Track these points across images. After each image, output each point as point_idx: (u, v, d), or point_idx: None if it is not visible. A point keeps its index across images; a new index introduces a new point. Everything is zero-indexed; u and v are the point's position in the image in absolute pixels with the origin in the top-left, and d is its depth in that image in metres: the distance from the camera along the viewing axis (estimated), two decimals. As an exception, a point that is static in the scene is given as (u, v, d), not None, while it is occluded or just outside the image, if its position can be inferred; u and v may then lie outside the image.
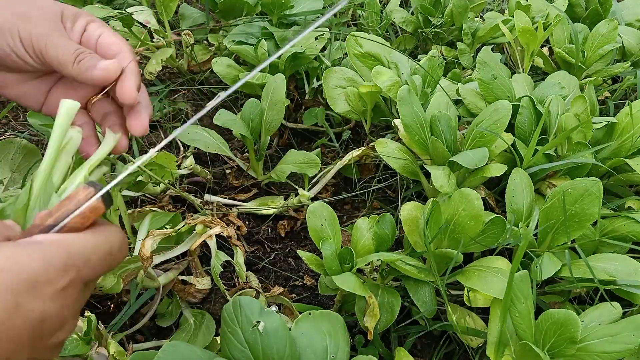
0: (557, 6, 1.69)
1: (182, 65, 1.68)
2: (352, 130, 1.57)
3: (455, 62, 1.74)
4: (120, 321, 1.00)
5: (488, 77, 1.27)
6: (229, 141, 1.54)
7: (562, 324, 0.75)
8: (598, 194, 0.96)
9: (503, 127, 1.10)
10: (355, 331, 1.10)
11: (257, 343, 0.69)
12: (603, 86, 1.71)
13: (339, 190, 1.44)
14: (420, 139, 1.12)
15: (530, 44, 1.56)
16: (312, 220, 0.97)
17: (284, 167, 1.30)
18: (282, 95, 1.30)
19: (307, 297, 1.19)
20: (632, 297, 0.90)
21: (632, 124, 1.17)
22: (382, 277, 1.06)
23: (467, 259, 1.00)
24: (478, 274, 0.91)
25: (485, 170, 1.08)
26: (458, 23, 1.82)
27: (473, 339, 0.98)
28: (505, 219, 0.92)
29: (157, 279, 1.03)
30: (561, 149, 1.21)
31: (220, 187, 1.42)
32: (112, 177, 1.38)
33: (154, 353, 0.71)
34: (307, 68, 1.58)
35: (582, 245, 1.01)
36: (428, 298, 0.98)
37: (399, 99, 1.10)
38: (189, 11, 1.74)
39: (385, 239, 0.99)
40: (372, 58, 1.37)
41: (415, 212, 1.01)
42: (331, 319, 0.77)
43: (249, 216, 1.36)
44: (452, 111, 1.20)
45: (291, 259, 1.28)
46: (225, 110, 1.28)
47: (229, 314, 0.72)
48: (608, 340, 0.77)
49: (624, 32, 1.69)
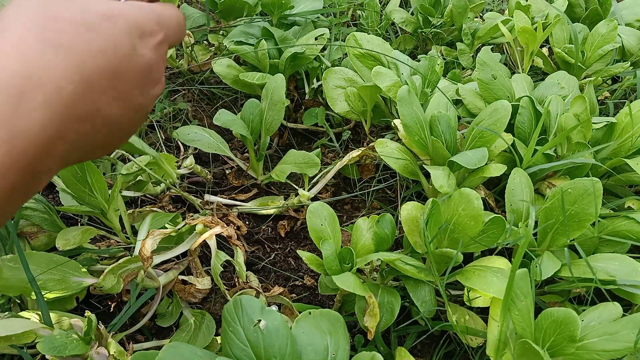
0: (556, 6, 1.69)
1: (182, 65, 1.68)
2: (352, 130, 1.57)
3: (455, 63, 1.74)
4: (120, 321, 1.00)
5: (488, 77, 1.28)
6: (229, 141, 1.54)
7: (561, 322, 0.75)
8: (598, 194, 0.96)
9: (503, 127, 1.10)
10: (355, 331, 1.10)
11: (258, 341, 0.69)
12: (603, 86, 1.71)
13: (339, 190, 1.45)
14: (420, 139, 1.12)
15: (530, 44, 1.56)
16: (312, 220, 0.97)
17: (284, 167, 1.30)
18: (282, 95, 1.30)
19: (307, 297, 1.20)
20: (632, 297, 0.90)
21: (632, 124, 1.17)
22: (382, 277, 1.06)
23: (467, 258, 1.00)
24: (478, 274, 0.91)
25: (485, 170, 1.08)
26: (458, 23, 1.82)
27: (473, 338, 0.98)
28: (505, 219, 0.92)
29: (157, 279, 1.03)
30: (561, 149, 1.21)
31: (220, 187, 1.43)
32: (113, 177, 1.37)
33: (154, 353, 0.71)
34: (307, 68, 1.59)
35: (582, 244, 1.01)
36: (428, 298, 0.98)
37: (399, 99, 1.10)
38: (189, 11, 1.75)
39: (385, 239, 1.00)
40: (372, 58, 1.37)
41: (415, 212, 1.01)
42: (331, 318, 0.78)
43: (249, 216, 1.36)
44: (452, 111, 1.20)
45: (291, 259, 1.28)
46: (225, 111, 1.29)
47: (230, 313, 0.72)
48: (607, 338, 0.77)
49: (624, 32, 1.69)
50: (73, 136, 0.38)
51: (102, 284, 0.93)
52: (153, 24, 0.44)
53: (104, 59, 0.39)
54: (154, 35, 0.44)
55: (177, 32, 0.48)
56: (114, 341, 0.87)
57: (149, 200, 1.33)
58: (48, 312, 0.86)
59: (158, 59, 0.44)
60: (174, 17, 0.47)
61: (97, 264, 1.06)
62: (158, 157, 1.06)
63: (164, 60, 0.47)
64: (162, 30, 0.45)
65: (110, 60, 0.39)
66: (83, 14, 0.39)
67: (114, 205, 1.05)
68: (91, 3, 0.41)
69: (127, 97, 0.42)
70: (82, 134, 0.39)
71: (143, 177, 1.21)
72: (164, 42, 0.45)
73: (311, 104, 1.60)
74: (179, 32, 0.48)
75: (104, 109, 0.40)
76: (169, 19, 0.46)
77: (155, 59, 0.44)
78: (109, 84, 0.40)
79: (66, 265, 0.94)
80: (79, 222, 1.26)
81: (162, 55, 0.46)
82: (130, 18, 0.41)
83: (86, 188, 1.01)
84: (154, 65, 0.44)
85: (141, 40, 0.42)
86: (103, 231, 1.14)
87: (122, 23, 0.41)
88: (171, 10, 0.48)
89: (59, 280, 0.93)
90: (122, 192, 1.19)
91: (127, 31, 0.41)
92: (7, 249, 0.95)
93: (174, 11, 0.48)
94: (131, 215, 1.15)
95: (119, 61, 0.40)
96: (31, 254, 0.92)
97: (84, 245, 1.05)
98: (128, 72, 0.41)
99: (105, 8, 0.41)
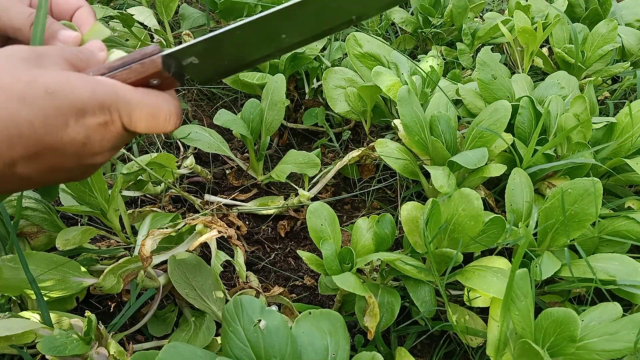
0: (556, 6, 1.69)
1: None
2: (352, 130, 1.57)
3: (455, 62, 1.74)
4: (120, 321, 1.00)
5: (488, 78, 1.28)
6: (229, 141, 1.54)
7: (561, 322, 0.75)
8: (598, 194, 0.96)
9: (502, 127, 1.10)
10: (355, 331, 1.10)
11: (258, 341, 0.69)
12: (603, 86, 1.71)
13: (339, 190, 1.45)
14: (420, 139, 1.12)
15: (530, 44, 1.56)
16: (312, 220, 0.97)
17: (284, 167, 1.30)
18: (282, 95, 1.30)
19: (307, 297, 1.20)
20: (632, 297, 0.90)
21: (632, 124, 1.17)
22: (382, 277, 1.06)
23: (467, 258, 1.00)
24: (478, 274, 0.91)
25: (485, 170, 1.08)
26: (458, 23, 1.82)
27: (473, 338, 0.98)
28: (504, 219, 0.92)
29: (157, 279, 1.03)
30: (561, 149, 1.21)
31: (220, 187, 1.43)
32: (113, 177, 1.36)
33: (154, 353, 0.71)
34: (307, 68, 1.59)
35: (582, 244, 1.01)
36: (428, 298, 0.98)
37: (399, 99, 1.10)
38: (189, 11, 1.75)
39: (385, 239, 1.00)
40: (372, 58, 1.37)
41: (415, 212, 1.01)
42: (331, 318, 0.78)
43: (249, 216, 1.36)
44: (452, 111, 1.20)
45: (291, 259, 1.28)
46: (225, 111, 1.29)
47: (230, 313, 0.72)
48: (607, 338, 0.77)
49: (624, 32, 1.69)
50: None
51: (102, 284, 0.92)
52: (96, 105, 0.45)
53: (28, 129, 0.42)
54: (94, 116, 0.45)
55: (145, 122, 0.48)
56: (114, 341, 0.87)
57: (149, 200, 1.33)
58: (48, 312, 0.86)
59: (100, 136, 0.46)
60: (143, 104, 0.48)
61: (97, 264, 1.06)
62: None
63: (116, 137, 0.48)
64: (114, 113, 0.46)
65: (35, 131, 0.42)
66: (28, 85, 0.42)
67: (114, 205, 1.05)
68: (44, 76, 0.43)
69: (54, 163, 0.45)
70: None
71: (143, 176, 1.21)
72: (115, 123, 0.46)
73: (311, 104, 1.60)
74: (148, 123, 0.48)
75: (21, 170, 0.44)
76: (130, 105, 0.47)
77: (92, 137, 0.45)
78: (30, 150, 0.43)
79: (66, 265, 0.94)
80: (79, 222, 1.26)
81: (110, 133, 0.47)
82: (71, 96, 0.43)
83: (86, 188, 1.01)
84: (88, 143, 0.46)
85: (77, 119, 0.44)
86: (103, 231, 1.14)
87: (61, 99, 0.43)
88: (145, 97, 0.48)
89: (59, 280, 0.93)
90: (122, 192, 1.19)
91: (62, 108, 0.43)
92: (7, 249, 0.95)
93: (150, 99, 0.48)
94: (131, 215, 1.15)
95: (44, 132, 0.42)
96: (31, 254, 0.92)
97: (84, 245, 1.05)
98: (56, 143, 0.44)
99: (53, 82, 0.43)
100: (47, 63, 0.45)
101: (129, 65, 0.48)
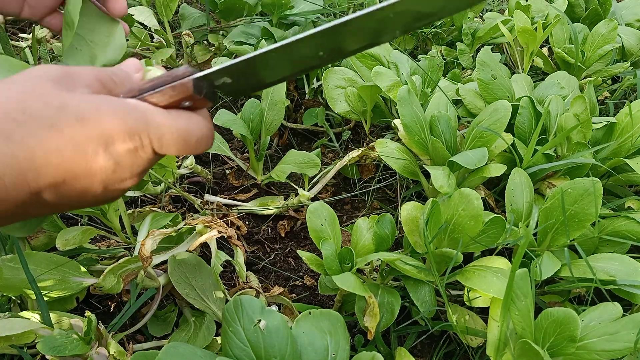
0: (556, 6, 1.69)
1: (182, 65, 1.68)
2: (352, 130, 1.57)
3: (455, 62, 1.74)
4: (120, 321, 1.00)
5: (488, 78, 1.28)
6: (229, 141, 1.54)
7: (561, 322, 0.75)
8: (598, 194, 0.96)
9: (502, 127, 1.10)
10: (355, 331, 1.10)
11: (258, 341, 0.69)
12: (603, 86, 1.71)
13: (339, 190, 1.45)
14: (420, 139, 1.12)
15: (530, 44, 1.56)
16: (312, 220, 0.97)
17: (284, 167, 1.30)
18: (282, 95, 1.30)
19: (307, 297, 1.20)
20: (632, 297, 0.90)
21: (632, 124, 1.17)
22: (382, 277, 1.06)
23: (467, 258, 1.00)
24: (478, 274, 0.91)
25: (485, 170, 1.08)
26: (458, 23, 1.82)
27: (473, 338, 0.98)
28: (504, 219, 0.92)
29: (157, 279, 1.03)
30: (561, 149, 1.21)
31: (220, 187, 1.43)
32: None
33: (154, 353, 0.71)
34: (307, 68, 1.58)
35: (582, 244, 1.01)
36: (428, 298, 0.98)
37: (399, 99, 1.10)
38: (189, 11, 1.75)
39: (385, 239, 1.00)
40: (372, 58, 1.37)
41: (415, 212, 1.01)
42: (331, 318, 0.78)
43: (249, 216, 1.36)
44: (452, 111, 1.20)
45: (291, 259, 1.28)
46: (225, 111, 1.29)
47: (230, 313, 0.72)
48: (607, 338, 0.77)
49: (624, 32, 1.69)
50: (10, 212, 0.42)
51: (102, 284, 0.92)
52: (126, 132, 0.44)
53: (57, 157, 0.41)
54: (125, 143, 0.44)
55: (175, 146, 0.47)
56: (114, 341, 0.87)
57: (149, 200, 1.33)
58: (48, 312, 0.86)
59: (130, 162, 0.46)
60: (174, 128, 0.47)
61: (97, 264, 1.06)
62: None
63: (146, 161, 0.47)
64: (145, 139, 0.45)
65: (64, 159, 0.42)
66: (58, 111, 0.41)
67: (114, 205, 1.05)
68: (73, 100, 0.42)
69: (81, 190, 0.45)
70: (21, 214, 0.43)
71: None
72: (145, 148, 0.46)
73: (311, 104, 1.60)
74: (180, 146, 0.48)
75: (47, 197, 0.43)
76: (161, 130, 0.46)
77: (122, 163, 0.45)
78: (58, 178, 0.42)
79: (66, 265, 0.94)
80: (79, 222, 1.26)
81: (140, 159, 0.46)
82: (102, 124, 0.43)
83: (86, 188, 1.01)
84: (118, 170, 0.45)
85: (107, 146, 0.43)
86: (103, 231, 1.14)
87: (91, 127, 0.42)
88: (177, 121, 0.47)
89: (59, 280, 0.93)
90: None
91: (92, 136, 0.42)
92: (7, 249, 0.95)
93: (181, 122, 0.48)
94: (131, 215, 1.15)
95: (73, 160, 0.42)
96: (31, 254, 0.92)
97: (84, 245, 1.05)
98: (85, 171, 0.43)
99: (84, 109, 0.42)
100: (78, 85, 0.45)
101: (160, 88, 0.47)
